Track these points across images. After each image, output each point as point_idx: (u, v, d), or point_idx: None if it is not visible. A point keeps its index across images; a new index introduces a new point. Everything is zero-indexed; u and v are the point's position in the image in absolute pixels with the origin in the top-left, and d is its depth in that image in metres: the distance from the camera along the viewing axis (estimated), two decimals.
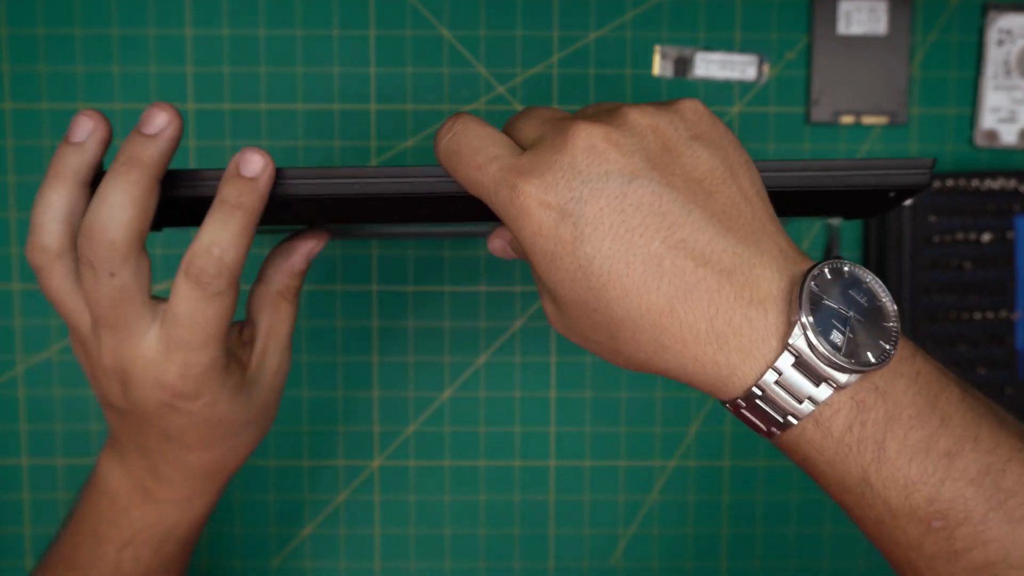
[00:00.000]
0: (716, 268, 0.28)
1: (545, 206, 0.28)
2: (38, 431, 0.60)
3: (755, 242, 0.29)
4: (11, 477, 0.60)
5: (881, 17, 0.59)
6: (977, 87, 0.60)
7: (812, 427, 0.28)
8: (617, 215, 0.28)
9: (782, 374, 0.28)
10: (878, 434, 0.28)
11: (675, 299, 0.28)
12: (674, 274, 0.28)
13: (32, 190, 0.59)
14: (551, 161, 0.29)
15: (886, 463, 0.28)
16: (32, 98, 0.59)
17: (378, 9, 0.59)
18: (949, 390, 0.29)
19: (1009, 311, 0.58)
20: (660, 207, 0.28)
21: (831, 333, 0.28)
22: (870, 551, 0.61)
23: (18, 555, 0.61)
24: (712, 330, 0.28)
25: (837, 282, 0.29)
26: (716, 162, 0.29)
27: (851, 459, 0.28)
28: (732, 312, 0.28)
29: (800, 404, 0.28)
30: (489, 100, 0.59)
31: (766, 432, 0.29)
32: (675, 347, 0.28)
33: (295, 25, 0.59)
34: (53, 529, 0.60)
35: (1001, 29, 0.59)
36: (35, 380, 0.60)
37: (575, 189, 0.28)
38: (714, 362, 0.28)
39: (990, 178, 0.58)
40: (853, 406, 0.28)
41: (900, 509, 0.28)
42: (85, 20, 0.59)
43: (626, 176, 0.28)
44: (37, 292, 0.60)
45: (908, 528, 0.29)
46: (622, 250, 0.28)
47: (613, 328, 0.29)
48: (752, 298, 0.28)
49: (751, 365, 0.28)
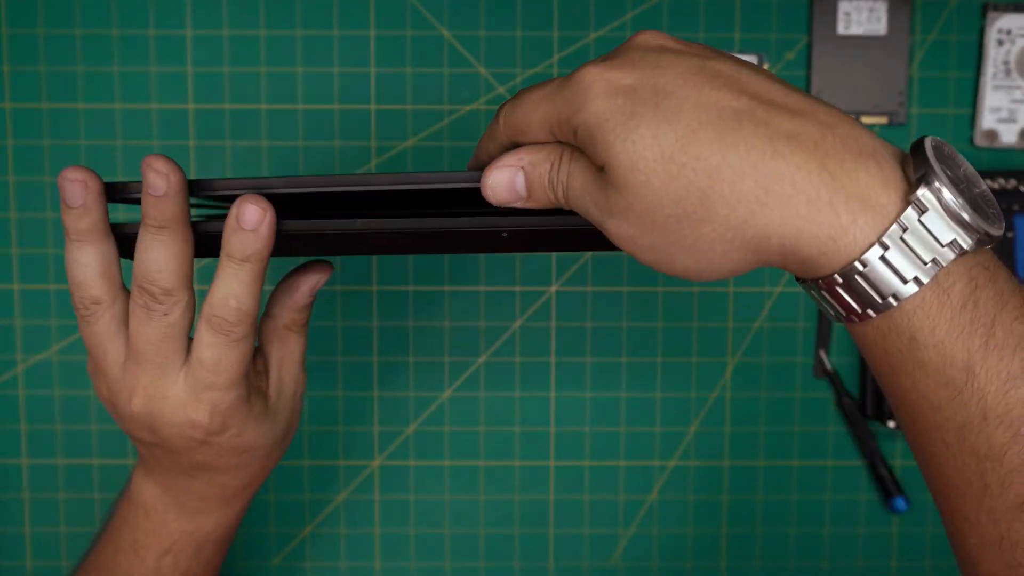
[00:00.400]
0: (813, 120, 0.26)
1: (617, 86, 0.27)
2: (38, 431, 0.60)
3: (841, 117, 0.27)
4: (11, 477, 0.60)
5: (881, 17, 0.59)
6: (977, 87, 0.60)
7: (932, 295, 0.25)
8: (699, 75, 0.26)
9: (907, 230, 0.25)
10: (989, 315, 0.25)
11: (777, 140, 0.25)
12: (769, 122, 0.25)
13: (33, 190, 0.59)
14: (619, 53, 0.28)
15: (993, 350, 0.25)
16: (32, 98, 0.59)
17: (378, 9, 0.59)
18: None
19: None
20: (739, 78, 0.27)
21: (954, 191, 0.25)
22: (870, 551, 0.61)
23: (18, 555, 0.61)
24: (825, 169, 0.25)
25: (944, 152, 0.26)
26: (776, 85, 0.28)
27: (962, 340, 0.25)
28: (843, 157, 0.25)
29: (927, 264, 0.25)
30: (489, 100, 0.59)
31: (878, 305, 0.26)
32: (784, 191, 0.25)
33: (295, 25, 0.59)
34: (53, 529, 0.61)
35: (1001, 29, 0.59)
36: (35, 380, 0.60)
37: (649, 64, 0.27)
38: (831, 205, 0.25)
39: (990, 178, 0.58)
40: (968, 281, 0.26)
41: (995, 407, 0.26)
42: (85, 20, 0.59)
43: (699, 59, 0.27)
44: (37, 292, 0.60)
45: (995, 433, 0.26)
46: (711, 100, 0.26)
47: (707, 185, 0.25)
48: (861, 150, 0.26)
49: (873, 214, 0.25)
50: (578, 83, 0.28)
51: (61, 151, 0.59)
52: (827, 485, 0.60)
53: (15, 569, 0.61)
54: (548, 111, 0.29)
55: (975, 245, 0.25)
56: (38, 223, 0.60)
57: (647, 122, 0.26)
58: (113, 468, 0.60)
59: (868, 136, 0.27)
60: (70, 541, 0.61)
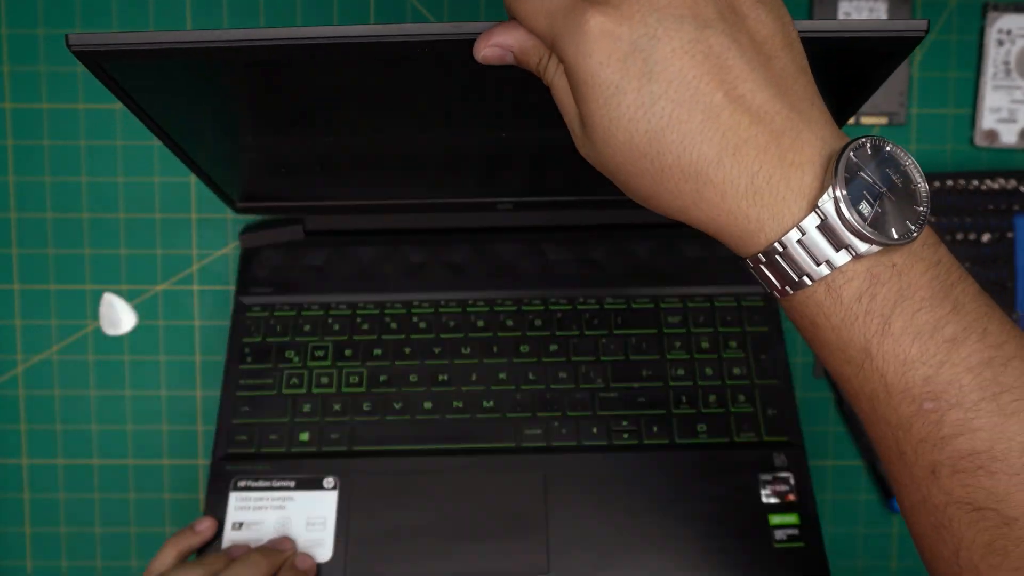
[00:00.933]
0: (768, 127, 0.28)
1: (616, 37, 0.28)
2: (38, 431, 0.60)
3: (805, 109, 0.29)
4: (12, 477, 0.60)
5: (880, 17, 0.59)
6: (977, 87, 0.60)
7: (823, 290, 0.29)
8: (688, 58, 0.28)
9: (805, 234, 0.28)
10: (886, 309, 0.28)
11: (725, 152, 0.28)
12: (730, 127, 0.28)
13: (33, 189, 0.59)
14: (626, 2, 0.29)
15: (888, 337, 0.28)
16: (32, 98, 0.59)
17: (378, 9, 0.59)
18: (967, 282, 0.29)
19: (1009, 311, 0.58)
20: (727, 59, 0.28)
21: (860, 203, 0.28)
22: (870, 551, 0.61)
23: (19, 554, 0.61)
24: (752, 186, 0.28)
25: (876, 158, 0.29)
26: (777, 28, 0.30)
27: (856, 328, 0.29)
28: (773, 171, 0.28)
29: (817, 266, 0.29)
30: None
31: (780, 290, 0.30)
32: (713, 199, 0.29)
33: (295, 25, 0.59)
34: (54, 529, 0.61)
35: (1001, 29, 0.59)
36: (35, 380, 0.60)
37: (650, 25, 0.28)
38: (745, 216, 0.29)
39: (990, 178, 0.58)
40: (867, 277, 0.29)
41: (895, 385, 0.29)
42: (85, 20, 0.59)
43: (700, 22, 0.28)
44: (37, 292, 0.60)
45: (900, 406, 0.29)
46: (687, 95, 0.28)
47: (658, 175, 0.29)
48: (794, 160, 0.29)
49: (779, 222, 0.29)
50: (581, 25, 0.29)
51: (61, 151, 0.59)
52: (827, 485, 0.60)
53: (15, 569, 0.61)
54: (546, 26, 0.30)
55: (873, 250, 0.28)
56: (38, 223, 0.60)
57: (628, 102, 0.29)
58: (113, 468, 0.60)
59: (811, 142, 0.29)
60: (70, 541, 0.61)
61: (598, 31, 0.28)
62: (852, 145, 0.29)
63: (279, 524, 0.50)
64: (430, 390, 0.53)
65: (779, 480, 0.51)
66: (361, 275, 0.57)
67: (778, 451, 0.52)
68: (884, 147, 0.29)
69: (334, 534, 0.49)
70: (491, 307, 0.56)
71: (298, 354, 0.55)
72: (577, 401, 0.53)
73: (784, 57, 0.30)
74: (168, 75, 0.37)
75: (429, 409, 0.53)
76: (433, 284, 0.57)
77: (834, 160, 0.28)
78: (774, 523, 0.49)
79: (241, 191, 0.52)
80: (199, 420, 0.60)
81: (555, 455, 0.51)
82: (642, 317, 0.56)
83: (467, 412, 0.53)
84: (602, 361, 0.54)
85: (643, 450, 0.51)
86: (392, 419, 0.52)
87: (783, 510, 0.50)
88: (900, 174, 0.29)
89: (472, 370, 0.54)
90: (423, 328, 0.55)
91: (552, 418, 0.52)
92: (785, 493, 0.50)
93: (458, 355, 0.54)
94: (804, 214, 0.28)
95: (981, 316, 0.29)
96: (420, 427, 0.52)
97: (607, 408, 0.53)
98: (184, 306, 0.60)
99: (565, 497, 0.50)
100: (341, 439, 0.51)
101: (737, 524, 0.49)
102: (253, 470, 0.51)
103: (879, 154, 0.29)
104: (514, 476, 0.50)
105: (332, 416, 0.52)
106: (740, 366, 0.54)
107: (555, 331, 0.55)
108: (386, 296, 0.57)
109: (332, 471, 0.51)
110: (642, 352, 0.54)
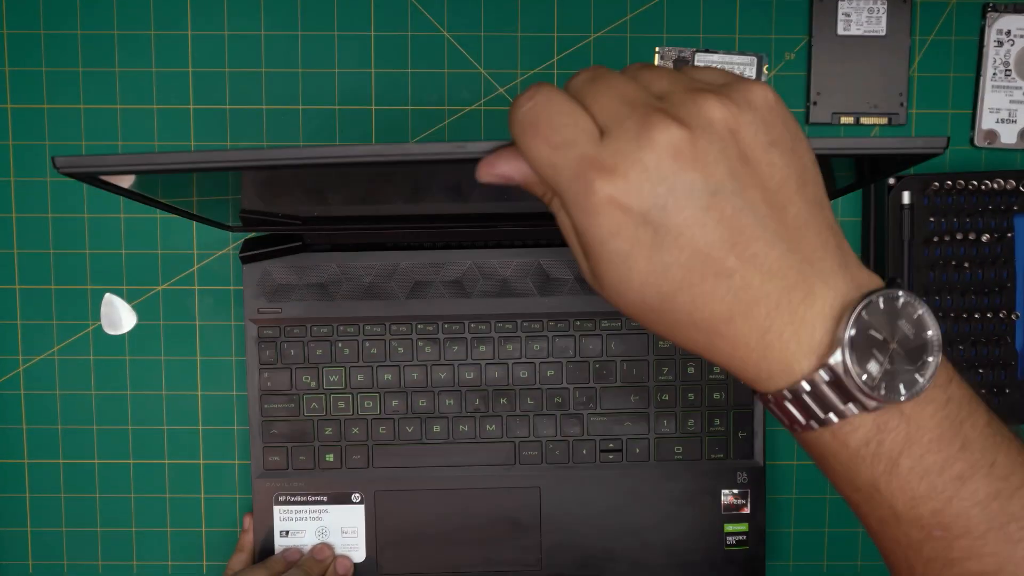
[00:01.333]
0: (780, 284, 0.28)
1: (625, 209, 0.28)
2: (39, 431, 0.60)
3: (819, 259, 0.29)
4: (13, 476, 0.60)
5: (880, 18, 0.59)
6: (977, 87, 0.60)
7: (829, 436, 0.30)
8: (699, 228, 0.28)
9: (815, 387, 0.29)
10: (894, 452, 0.29)
11: (736, 310, 0.28)
12: (741, 288, 0.28)
13: (33, 189, 0.59)
14: (634, 159, 0.28)
15: (897, 477, 0.29)
16: (33, 99, 0.59)
17: (378, 9, 0.59)
18: (976, 416, 0.30)
19: (1009, 311, 0.58)
20: (739, 222, 0.28)
21: (868, 362, 0.28)
22: (870, 551, 0.61)
23: (21, 554, 0.61)
24: (763, 342, 0.29)
25: (888, 311, 0.29)
26: (790, 171, 0.29)
27: (863, 468, 0.29)
28: (784, 327, 0.29)
29: (824, 415, 0.29)
30: (489, 100, 0.59)
31: (788, 426, 0.30)
32: (725, 349, 0.29)
33: (296, 26, 0.59)
34: (54, 528, 0.61)
35: (1000, 29, 0.59)
36: (36, 380, 0.60)
37: (659, 196, 0.27)
38: (756, 367, 0.29)
39: (989, 178, 0.58)
40: (874, 426, 0.29)
41: (905, 515, 0.30)
42: (85, 20, 0.59)
43: (710, 188, 0.28)
44: (38, 292, 0.60)
45: (910, 532, 0.30)
46: (699, 262, 0.28)
47: (670, 327, 0.30)
48: (805, 316, 0.29)
49: (788, 375, 0.29)
50: (588, 194, 0.28)
51: (61, 151, 0.59)
52: (827, 485, 0.60)
53: (16, 568, 0.61)
54: (553, 180, 0.29)
55: (882, 405, 0.28)
56: (39, 223, 0.60)
57: (639, 268, 0.28)
58: (113, 468, 0.60)
59: (823, 295, 0.29)
60: (70, 541, 0.61)
61: (606, 201, 0.28)
62: (864, 302, 0.28)
63: (319, 532, 0.59)
64: (438, 412, 0.59)
65: (738, 495, 0.59)
66: (362, 290, 0.58)
67: (742, 470, 0.59)
68: (897, 299, 0.29)
69: (365, 539, 0.59)
70: (490, 326, 0.59)
71: (314, 379, 0.59)
72: (570, 423, 0.59)
73: (799, 202, 0.29)
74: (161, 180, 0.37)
75: (438, 432, 0.59)
76: (432, 300, 0.58)
77: (846, 318, 0.28)
78: (728, 531, 0.59)
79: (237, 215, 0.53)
80: (200, 420, 0.60)
81: (549, 470, 0.59)
82: (635, 343, 0.59)
83: (472, 433, 0.59)
84: (594, 387, 0.59)
85: (625, 467, 0.59)
86: (406, 443, 0.59)
87: (737, 520, 0.59)
88: (913, 324, 0.29)
89: (476, 396, 0.59)
90: (428, 352, 0.59)
91: (547, 439, 0.59)
92: (741, 506, 0.59)
93: (463, 379, 0.59)
94: (813, 370, 0.29)
95: (989, 449, 0.30)
96: (431, 447, 0.59)
97: (595, 431, 0.59)
98: (184, 306, 0.60)
99: (557, 506, 0.59)
100: (362, 459, 0.59)
101: (699, 529, 0.59)
102: (289, 486, 0.59)
103: (891, 306, 0.29)
104: (513, 488, 0.59)
105: (352, 440, 0.59)
106: (720, 391, 0.59)
107: (551, 352, 0.59)
108: (389, 312, 0.58)
109: (357, 486, 0.59)
110: (632, 379, 0.59)
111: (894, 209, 0.58)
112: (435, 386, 0.59)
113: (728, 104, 0.28)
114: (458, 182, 0.44)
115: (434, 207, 0.52)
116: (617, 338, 0.59)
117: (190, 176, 0.38)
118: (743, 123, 0.28)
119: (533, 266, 0.58)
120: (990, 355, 0.59)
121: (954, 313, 0.58)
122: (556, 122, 0.29)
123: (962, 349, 0.59)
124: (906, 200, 0.58)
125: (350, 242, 0.59)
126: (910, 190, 0.57)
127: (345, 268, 0.58)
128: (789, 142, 0.29)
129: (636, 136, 0.28)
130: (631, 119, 0.28)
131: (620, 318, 0.59)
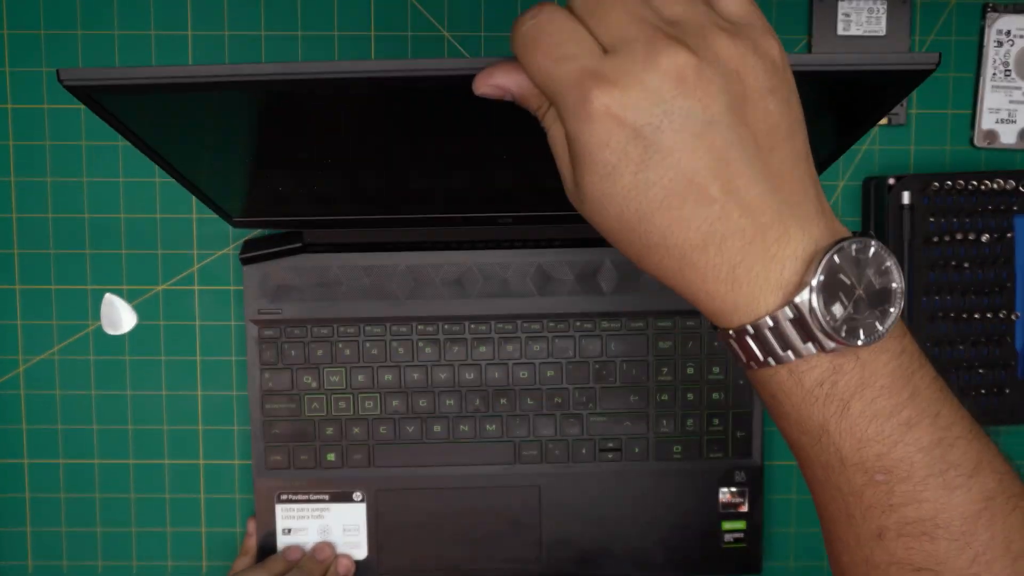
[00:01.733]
0: (757, 221, 0.29)
1: (620, 122, 0.28)
2: (39, 431, 0.60)
3: (797, 203, 0.30)
4: (13, 476, 0.60)
5: (880, 18, 0.59)
6: (976, 87, 0.60)
7: (786, 372, 0.30)
8: (688, 153, 0.28)
9: (777, 323, 0.29)
10: (846, 394, 0.30)
11: (711, 239, 0.29)
12: (719, 218, 0.29)
13: (35, 189, 0.59)
14: (635, 78, 0.28)
15: (846, 418, 0.30)
16: (33, 98, 0.59)
17: (378, 9, 0.59)
18: (924, 370, 0.31)
19: (1009, 311, 0.58)
20: (727, 154, 0.29)
21: (834, 304, 0.29)
22: None
23: (21, 554, 0.61)
24: (732, 275, 0.30)
25: (859, 259, 0.30)
26: (782, 119, 0.30)
27: (815, 408, 0.30)
28: (755, 262, 0.29)
29: (783, 352, 0.30)
30: None
31: (744, 363, 0.31)
32: (694, 278, 0.30)
33: (296, 26, 0.59)
34: (54, 528, 0.61)
35: (1000, 30, 0.59)
36: (36, 380, 0.60)
37: (655, 116, 0.28)
38: (722, 298, 0.30)
39: (989, 178, 0.58)
40: (830, 367, 0.30)
41: (850, 458, 0.31)
42: (85, 20, 0.59)
43: (706, 117, 0.28)
44: (38, 292, 0.60)
45: (853, 477, 0.31)
46: (682, 186, 0.29)
47: (643, 248, 0.30)
48: (777, 255, 0.29)
49: (753, 309, 0.30)
50: (585, 102, 0.28)
51: (62, 151, 0.59)
52: None
53: (16, 568, 0.61)
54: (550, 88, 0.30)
55: (840, 346, 0.29)
56: (39, 223, 0.60)
57: (623, 183, 0.29)
58: (113, 468, 0.60)
59: (797, 237, 0.29)
60: (70, 541, 0.61)
61: (602, 111, 0.28)
62: (836, 247, 0.29)
63: (321, 530, 0.59)
64: (438, 412, 0.59)
65: (736, 494, 0.59)
66: (363, 290, 0.58)
67: (740, 469, 0.59)
68: (869, 248, 0.30)
69: (366, 537, 0.59)
70: (490, 326, 0.59)
71: (315, 380, 0.59)
72: (570, 423, 0.59)
73: (785, 148, 0.30)
74: (164, 107, 0.36)
75: (439, 432, 0.59)
76: (433, 301, 0.58)
77: (816, 260, 0.29)
78: (725, 528, 0.59)
79: (238, 207, 0.52)
80: (199, 420, 0.60)
81: (549, 469, 0.59)
82: (635, 344, 0.59)
83: (472, 433, 0.59)
84: (593, 387, 0.59)
85: (624, 466, 0.59)
86: (407, 443, 0.59)
87: (734, 518, 0.60)
88: (880, 274, 0.30)
89: (476, 396, 0.59)
90: (428, 353, 0.59)
91: (547, 438, 0.59)
92: (739, 504, 0.59)
93: (463, 380, 0.59)
94: (778, 306, 0.29)
95: (936, 400, 0.31)
96: (432, 446, 0.59)
97: (595, 431, 0.59)
98: (184, 306, 0.60)
99: (557, 505, 0.59)
100: (363, 459, 0.59)
101: (696, 527, 0.59)
102: (291, 485, 0.59)
103: (863, 254, 0.30)
104: (513, 487, 0.60)
105: (353, 440, 0.59)
106: (720, 391, 0.59)
107: (551, 352, 0.59)
108: (389, 312, 0.58)
109: (358, 485, 0.59)
110: (631, 379, 0.59)
111: (894, 209, 0.58)
112: (435, 386, 0.59)
113: (739, 45, 0.29)
114: (459, 127, 0.42)
115: (436, 184, 0.51)
116: (616, 339, 0.59)
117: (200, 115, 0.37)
118: (749, 66, 0.29)
119: (533, 266, 0.58)
120: (990, 355, 0.59)
121: (954, 313, 0.58)
122: (558, 38, 0.29)
123: (962, 349, 0.59)
124: (906, 200, 0.58)
125: (350, 242, 0.59)
126: (910, 190, 0.58)
127: (345, 269, 0.58)
128: (786, 94, 0.30)
129: (643, 58, 0.28)
130: (639, 41, 0.28)
131: (620, 319, 0.59)
